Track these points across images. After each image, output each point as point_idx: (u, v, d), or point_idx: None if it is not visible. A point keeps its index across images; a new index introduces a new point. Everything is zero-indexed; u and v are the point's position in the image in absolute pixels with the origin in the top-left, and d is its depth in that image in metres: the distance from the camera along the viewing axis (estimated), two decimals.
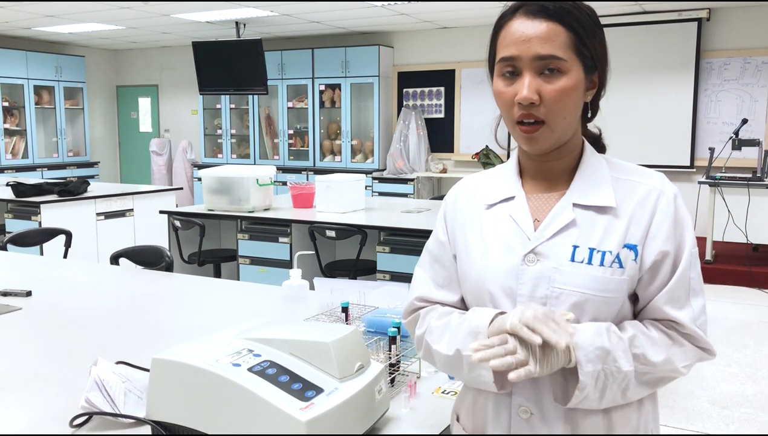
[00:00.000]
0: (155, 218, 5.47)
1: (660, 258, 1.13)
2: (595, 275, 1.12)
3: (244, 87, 8.79)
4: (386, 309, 1.96)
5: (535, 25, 1.11)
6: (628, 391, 1.11)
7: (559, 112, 1.12)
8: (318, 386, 1.27)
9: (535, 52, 1.10)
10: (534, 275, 1.14)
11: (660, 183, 1.18)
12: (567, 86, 1.11)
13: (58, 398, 1.59)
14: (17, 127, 9.63)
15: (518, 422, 1.17)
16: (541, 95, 1.11)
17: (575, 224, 1.15)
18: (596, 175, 1.19)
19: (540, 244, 1.16)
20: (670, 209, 1.15)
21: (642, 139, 7.69)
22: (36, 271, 3.01)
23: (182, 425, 1.28)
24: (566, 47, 1.11)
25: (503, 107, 1.16)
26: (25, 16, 7.96)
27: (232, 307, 2.48)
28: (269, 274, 4.59)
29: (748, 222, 6.23)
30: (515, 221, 1.19)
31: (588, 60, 1.14)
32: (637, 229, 1.14)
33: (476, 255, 1.21)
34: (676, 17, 7.48)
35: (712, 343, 1.16)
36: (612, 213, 1.15)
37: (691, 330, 1.13)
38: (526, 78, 1.11)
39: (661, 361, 1.11)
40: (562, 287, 1.13)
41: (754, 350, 4.52)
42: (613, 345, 1.08)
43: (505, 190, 1.24)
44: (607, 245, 1.13)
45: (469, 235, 1.24)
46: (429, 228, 4.14)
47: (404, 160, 8.81)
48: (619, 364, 1.08)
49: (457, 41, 8.78)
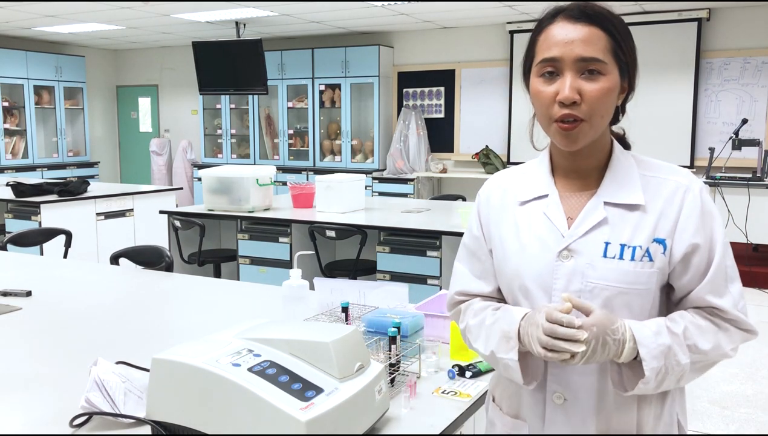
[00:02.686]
0: (155, 217, 5.47)
1: (691, 250, 1.19)
2: (626, 269, 1.19)
3: (244, 87, 8.79)
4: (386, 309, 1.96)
5: (577, 28, 1.18)
6: (683, 379, 1.19)
7: (598, 111, 1.17)
8: (318, 386, 1.27)
9: (577, 54, 1.16)
10: (568, 270, 1.21)
11: (686, 179, 1.24)
12: (606, 87, 1.17)
13: (58, 398, 1.59)
14: (17, 127, 9.62)
15: (552, 408, 1.25)
16: (582, 95, 1.16)
17: (606, 222, 1.22)
18: (625, 174, 1.25)
19: (574, 241, 1.22)
20: (696, 203, 1.21)
21: (642, 139, 7.67)
22: (36, 271, 3.01)
23: (182, 425, 1.28)
24: (606, 50, 1.18)
25: (541, 106, 1.21)
26: (25, 16, 7.96)
27: (232, 307, 2.48)
28: (269, 274, 4.59)
29: (748, 222, 6.23)
30: (549, 218, 1.26)
31: (623, 64, 1.21)
32: (665, 223, 1.20)
33: (512, 251, 1.28)
34: (676, 17, 7.48)
35: (754, 325, 1.23)
36: (641, 209, 1.21)
37: (734, 315, 1.20)
38: (568, 78, 1.17)
39: (711, 348, 1.18)
40: (595, 282, 1.20)
41: (754, 350, 4.52)
42: (672, 341, 1.16)
43: (538, 188, 1.30)
44: (637, 241, 1.20)
45: (503, 231, 1.31)
46: (429, 228, 4.15)
47: (404, 160, 8.80)
48: (678, 358, 1.16)
49: (457, 41, 8.78)
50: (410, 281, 4.11)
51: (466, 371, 1.71)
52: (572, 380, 1.23)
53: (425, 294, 2.46)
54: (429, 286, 4.09)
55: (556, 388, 1.25)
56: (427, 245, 4.15)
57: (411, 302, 2.13)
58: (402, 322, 1.75)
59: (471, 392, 1.61)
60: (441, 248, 4.09)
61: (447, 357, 1.83)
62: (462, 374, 1.71)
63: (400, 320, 1.74)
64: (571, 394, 1.24)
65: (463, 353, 1.82)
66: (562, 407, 1.24)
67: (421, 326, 1.89)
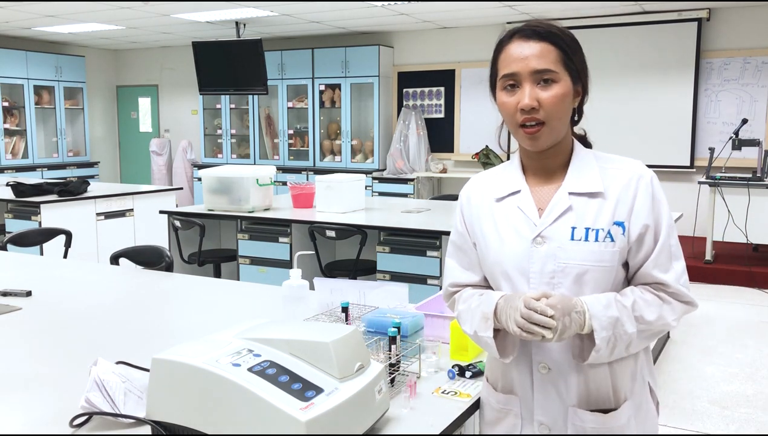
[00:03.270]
0: (155, 217, 5.47)
1: (643, 231, 1.37)
2: (592, 249, 1.36)
3: (244, 87, 8.79)
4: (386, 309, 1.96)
5: (530, 45, 1.36)
6: (631, 346, 1.36)
7: (555, 114, 1.36)
8: (318, 386, 1.27)
9: (532, 67, 1.35)
10: (542, 254, 1.39)
11: (640, 169, 1.42)
12: (560, 93, 1.36)
13: (58, 398, 1.59)
14: (17, 127, 9.62)
15: (539, 377, 1.43)
16: (539, 101, 1.35)
17: (572, 209, 1.39)
18: (586, 167, 1.43)
19: (545, 228, 1.39)
20: (648, 190, 1.39)
21: (642, 139, 7.69)
22: (36, 271, 3.01)
23: (182, 425, 1.28)
24: (557, 61, 1.36)
25: (507, 115, 1.40)
26: (25, 16, 7.96)
27: (232, 307, 2.48)
28: (269, 274, 4.59)
29: (748, 222, 6.22)
30: (522, 210, 1.43)
31: (574, 72, 1.39)
32: (622, 208, 1.38)
33: (492, 241, 1.45)
34: (676, 17, 7.48)
35: (694, 298, 1.41)
36: (601, 197, 1.39)
37: (676, 289, 1.38)
38: (526, 88, 1.35)
39: (655, 319, 1.36)
40: (566, 262, 1.37)
41: (754, 350, 4.52)
42: (620, 313, 1.33)
43: (511, 185, 1.47)
44: (599, 224, 1.37)
45: (484, 225, 1.48)
46: (429, 228, 4.15)
47: (404, 160, 8.81)
48: (626, 328, 1.33)
49: (457, 41, 8.78)
50: (410, 281, 4.11)
51: (466, 371, 1.71)
52: (554, 351, 1.41)
53: (425, 294, 2.46)
54: (429, 286, 4.09)
55: (540, 359, 1.42)
56: (427, 245, 4.15)
57: (411, 302, 2.13)
58: (402, 322, 1.75)
59: (471, 392, 1.61)
60: (441, 248, 4.09)
61: (447, 357, 1.83)
62: (462, 374, 1.71)
63: (400, 320, 1.74)
64: (553, 363, 1.41)
65: (463, 353, 1.82)
66: (547, 376, 1.42)
67: (421, 326, 1.89)
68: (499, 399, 1.50)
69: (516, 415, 1.47)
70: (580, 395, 1.40)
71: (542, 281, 1.38)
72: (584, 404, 1.40)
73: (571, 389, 1.40)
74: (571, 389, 1.40)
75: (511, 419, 1.48)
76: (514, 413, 1.47)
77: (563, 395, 1.41)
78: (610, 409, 1.40)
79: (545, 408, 1.42)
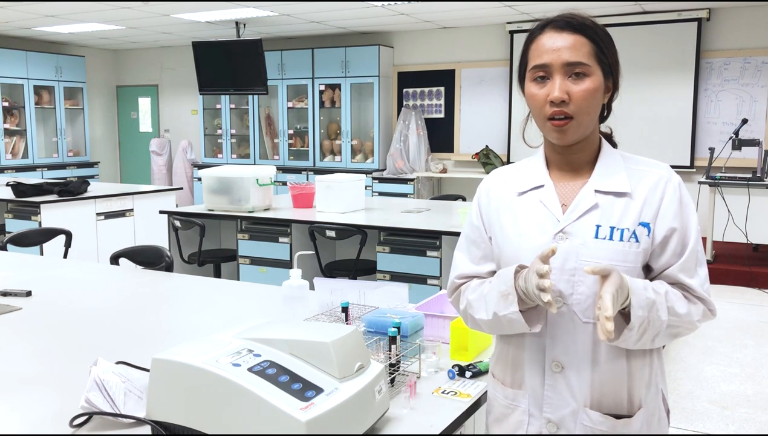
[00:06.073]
0: (155, 217, 5.47)
1: (669, 234, 1.35)
2: (615, 248, 1.34)
3: (244, 87, 8.79)
4: (386, 309, 1.96)
5: (563, 37, 1.34)
6: (657, 338, 1.32)
7: (584, 108, 1.34)
8: (318, 386, 1.27)
9: (564, 59, 1.32)
10: (563, 250, 1.35)
11: (667, 172, 1.40)
12: (591, 87, 1.33)
13: (58, 398, 1.59)
14: (17, 127, 9.62)
15: (551, 375, 1.39)
16: (570, 95, 1.32)
17: (597, 207, 1.37)
18: (613, 166, 1.41)
19: (568, 224, 1.37)
20: (676, 193, 1.37)
21: (642, 139, 7.68)
22: (36, 271, 3.01)
23: (182, 425, 1.28)
24: (589, 55, 1.34)
25: (535, 107, 1.37)
26: (25, 16, 7.96)
27: (232, 307, 2.48)
28: (269, 274, 4.59)
29: (748, 222, 6.22)
30: (545, 205, 1.40)
31: (606, 66, 1.37)
32: (649, 210, 1.36)
33: (511, 235, 1.42)
34: (676, 17, 7.48)
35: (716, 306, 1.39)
36: (628, 197, 1.37)
37: (701, 294, 1.36)
38: (557, 81, 1.33)
39: (684, 313, 1.33)
40: (588, 260, 1.33)
41: (754, 350, 4.52)
42: (656, 297, 1.30)
43: (534, 180, 1.45)
44: (624, 223, 1.35)
45: (503, 218, 1.45)
46: (429, 228, 4.15)
47: (404, 160, 8.80)
48: (659, 314, 1.29)
49: (457, 41, 8.78)
50: (410, 281, 4.11)
51: (466, 371, 1.71)
52: (569, 349, 1.37)
53: (425, 294, 2.46)
54: (429, 286, 4.09)
55: (554, 357, 1.38)
56: (427, 245, 4.15)
57: (411, 302, 2.14)
58: (402, 322, 1.75)
59: (471, 392, 1.61)
60: (441, 248, 4.09)
61: (447, 357, 1.83)
62: (462, 374, 1.71)
63: (400, 320, 1.74)
64: (568, 362, 1.37)
65: (463, 353, 1.82)
66: (560, 374, 1.38)
67: (421, 326, 1.89)
68: (507, 394, 1.47)
69: (523, 411, 1.44)
70: (593, 396, 1.37)
71: (562, 277, 1.35)
72: (596, 406, 1.37)
73: (584, 388, 1.37)
74: (584, 389, 1.37)
75: (518, 415, 1.44)
76: (521, 409, 1.44)
77: (576, 395, 1.37)
78: (622, 415, 1.37)
79: (555, 406, 1.39)
